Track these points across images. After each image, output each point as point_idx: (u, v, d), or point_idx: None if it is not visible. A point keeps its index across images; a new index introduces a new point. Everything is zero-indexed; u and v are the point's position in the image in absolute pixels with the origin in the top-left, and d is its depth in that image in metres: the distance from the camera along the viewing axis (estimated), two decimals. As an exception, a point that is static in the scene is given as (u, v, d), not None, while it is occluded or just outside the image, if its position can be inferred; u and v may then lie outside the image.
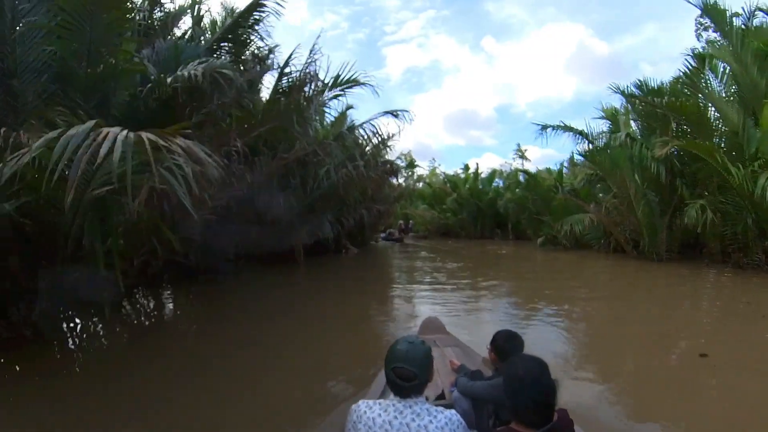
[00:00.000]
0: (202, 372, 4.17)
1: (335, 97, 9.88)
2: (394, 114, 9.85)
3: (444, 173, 30.73)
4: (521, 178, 22.98)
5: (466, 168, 30.93)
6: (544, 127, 15.50)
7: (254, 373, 4.21)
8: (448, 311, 6.55)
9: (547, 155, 69.30)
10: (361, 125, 10.33)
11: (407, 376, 1.45)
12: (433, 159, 42.15)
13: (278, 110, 7.09)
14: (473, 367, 2.43)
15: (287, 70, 8.65)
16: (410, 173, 34.51)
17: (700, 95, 11.62)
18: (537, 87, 71.98)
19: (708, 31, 19.84)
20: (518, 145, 37.18)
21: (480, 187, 27.82)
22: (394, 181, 23.34)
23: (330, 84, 9.12)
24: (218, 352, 4.84)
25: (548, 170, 24.00)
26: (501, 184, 28.13)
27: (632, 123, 15.27)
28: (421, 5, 75.97)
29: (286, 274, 10.88)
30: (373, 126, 10.07)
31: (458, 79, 78.45)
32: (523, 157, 35.31)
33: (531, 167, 29.07)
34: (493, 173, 29.39)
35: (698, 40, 19.68)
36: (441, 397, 2.39)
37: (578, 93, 63.44)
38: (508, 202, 23.29)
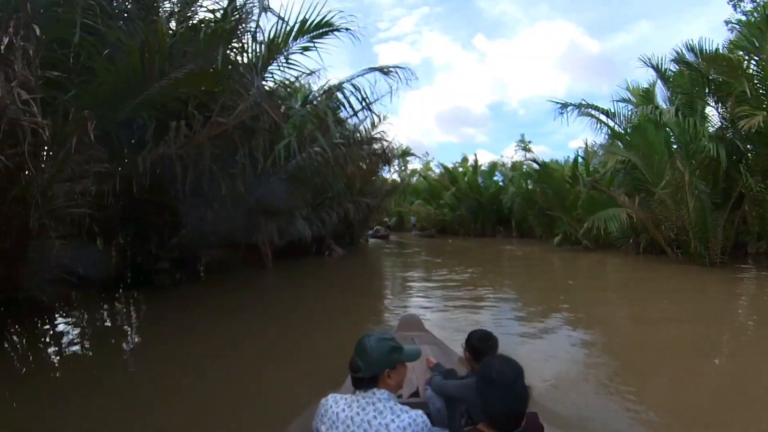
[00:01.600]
0: None
1: (304, 50, 7.35)
2: (384, 71, 7.16)
3: (441, 164, 28.13)
4: (526, 168, 20.66)
5: (464, 160, 28.55)
6: (564, 106, 13.09)
7: None
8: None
9: (539, 153, 67.89)
10: (339, 86, 7.53)
11: (353, 367, 1.46)
12: (427, 153, 39.61)
13: (199, 47, 4.53)
14: (450, 366, 2.39)
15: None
16: (403, 166, 32.10)
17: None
18: (529, 85, 71.06)
19: (744, 0, 17.79)
20: (522, 135, 34.75)
21: (480, 181, 25.42)
22: (387, 174, 20.93)
23: (295, 29, 6.57)
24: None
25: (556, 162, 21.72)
26: (501, 179, 25.94)
27: (661, 102, 13.03)
28: (415, 2, 74.48)
29: (243, 288, 8.21)
30: (356, 89, 7.36)
31: (451, 77, 77.14)
32: (526, 149, 33.11)
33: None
34: (494, 166, 27.03)
35: (735, 10, 17.57)
36: (415, 394, 2.34)
37: (570, 91, 62.83)
38: (513, 197, 20.89)
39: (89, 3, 3.97)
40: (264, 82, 7.29)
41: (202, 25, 5.28)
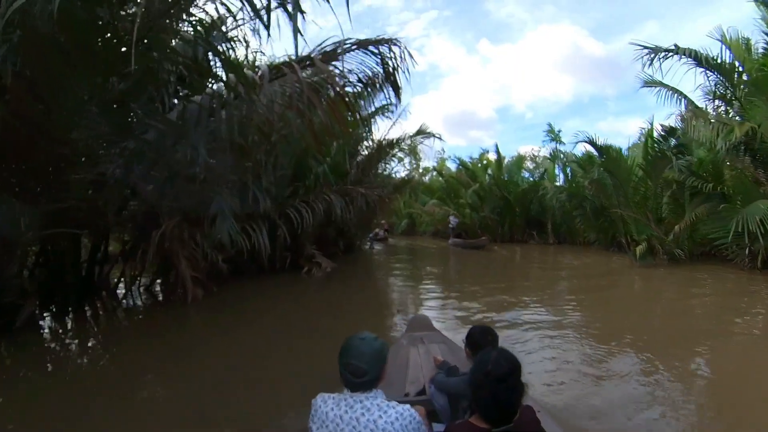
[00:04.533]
0: None
1: None
2: None
3: (458, 158, 23.77)
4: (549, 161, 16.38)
5: (482, 156, 24.08)
6: (655, 51, 8.96)
7: None
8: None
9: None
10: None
11: (357, 372, 1.41)
12: (442, 149, 35.03)
13: None
14: (458, 364, 2.35)
15: None
16: (415, 162, 27.83)
17: None
18: (535, 88, 69.36)
19: None
20: (549, 125, 30.08)
21: (505, 176, 21.08)
22: (392, 168, 16.82)
23: None
24: None
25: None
26: (527, 176, 21.73)
27: None
28: (423, 6, 72.68)
29: (84, 362, 4.05)
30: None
31: (457, 81, 75.95)
32: (556, 139, 28.61)
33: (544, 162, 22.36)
34: (520, 159, 22.78)
35: None
36: (422, 392, 2.33)
37: (576, 93, 61.89)
38: (557, 193, 16.68)
39: None
40: None
41: None
